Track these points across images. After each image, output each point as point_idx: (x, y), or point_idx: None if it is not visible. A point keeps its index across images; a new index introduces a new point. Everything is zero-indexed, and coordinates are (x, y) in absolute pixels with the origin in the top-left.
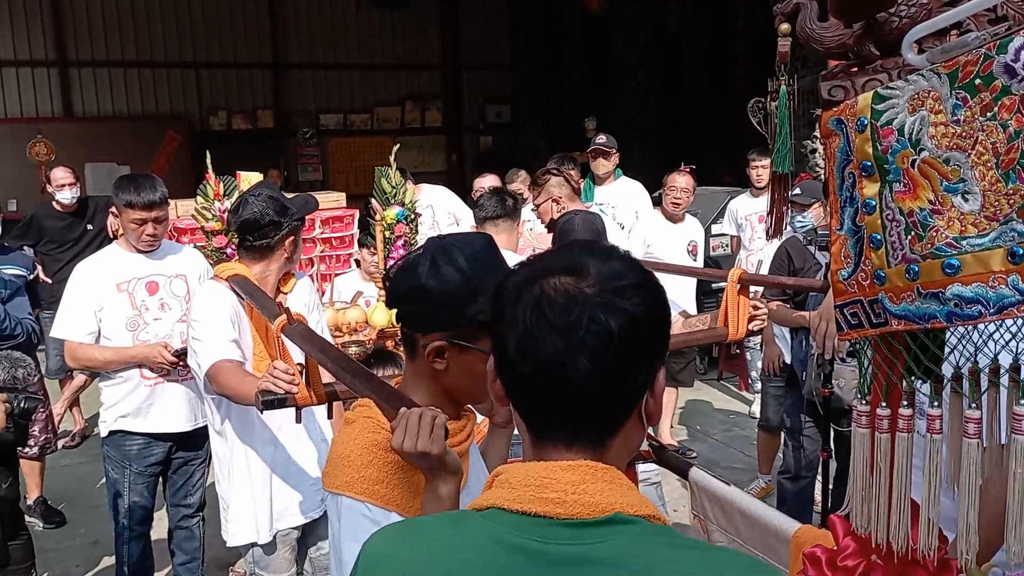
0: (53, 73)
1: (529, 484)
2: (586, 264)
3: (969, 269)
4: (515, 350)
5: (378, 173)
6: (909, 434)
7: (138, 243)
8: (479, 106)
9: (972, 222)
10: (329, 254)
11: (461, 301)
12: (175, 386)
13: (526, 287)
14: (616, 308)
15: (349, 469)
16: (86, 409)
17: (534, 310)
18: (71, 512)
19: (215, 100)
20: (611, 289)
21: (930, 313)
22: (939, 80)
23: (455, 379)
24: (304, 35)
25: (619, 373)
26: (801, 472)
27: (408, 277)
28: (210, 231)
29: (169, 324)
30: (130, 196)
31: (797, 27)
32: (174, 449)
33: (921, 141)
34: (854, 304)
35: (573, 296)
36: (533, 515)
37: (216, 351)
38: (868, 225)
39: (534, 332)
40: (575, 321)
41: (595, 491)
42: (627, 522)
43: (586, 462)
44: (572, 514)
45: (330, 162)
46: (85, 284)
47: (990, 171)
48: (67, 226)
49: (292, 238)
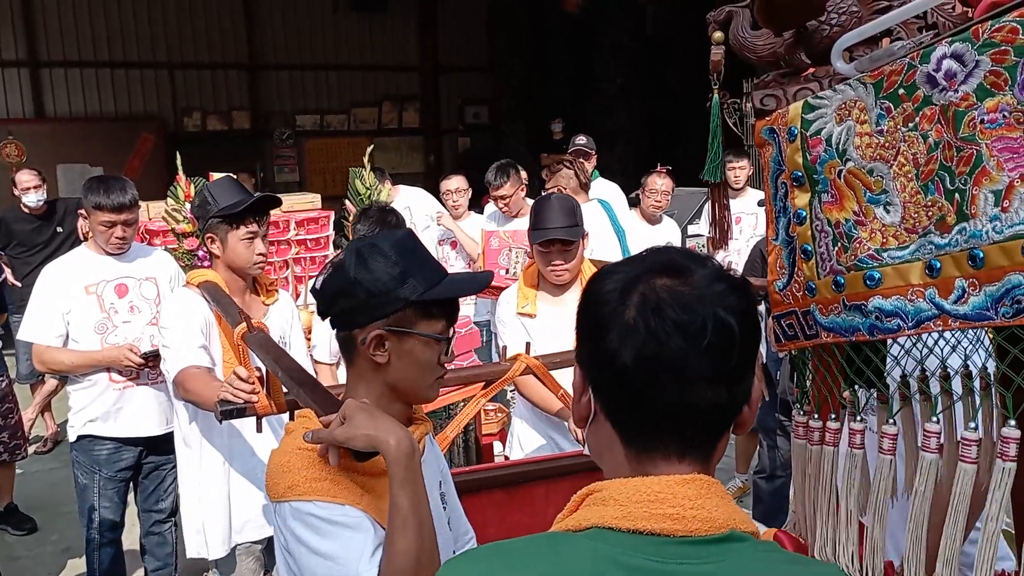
0: (24, 74)
1: (640, 500)
2: (686, 265)
3: (889, 282)
4: (633, 356)
5: (352, 174)
6: (835, 448)
7: (107, 245)
8: (457, 107)
9: (893, 234)
10: (304, 256)
11: (392, 286)
12: (145, 390)
13: (631, 291)
14: (733, 308)
15: (290, 474)
16: (58, 414)
17: (656, 313)
18: (43, 518)
19: (190, 101)
20: (722, 289)
21: (854, 326)
22: (865, 90)
23: (399, 370)
24: (280, 36)
25: (735, 376)
26: (776, 471)
27: (336, 277)
28: (181, 233)
29: (139, 327)
30: (99, 198)
31: (730, 35)
32: (144, 454)
33: (847, 151)
34: (789, 315)
35: (691, 297)
36: (647, 533)
37: (184, 358)
38: (799, 236)
39: (657, 334)
40: (701, 322)
41: (712, 506)
42: (741, 539)
43: (701, 476)
44: (690, 531)
45: (307, 163)
46: (53, 287)
47: (911, 182)
48: (36, 229)
49: (211, 237)
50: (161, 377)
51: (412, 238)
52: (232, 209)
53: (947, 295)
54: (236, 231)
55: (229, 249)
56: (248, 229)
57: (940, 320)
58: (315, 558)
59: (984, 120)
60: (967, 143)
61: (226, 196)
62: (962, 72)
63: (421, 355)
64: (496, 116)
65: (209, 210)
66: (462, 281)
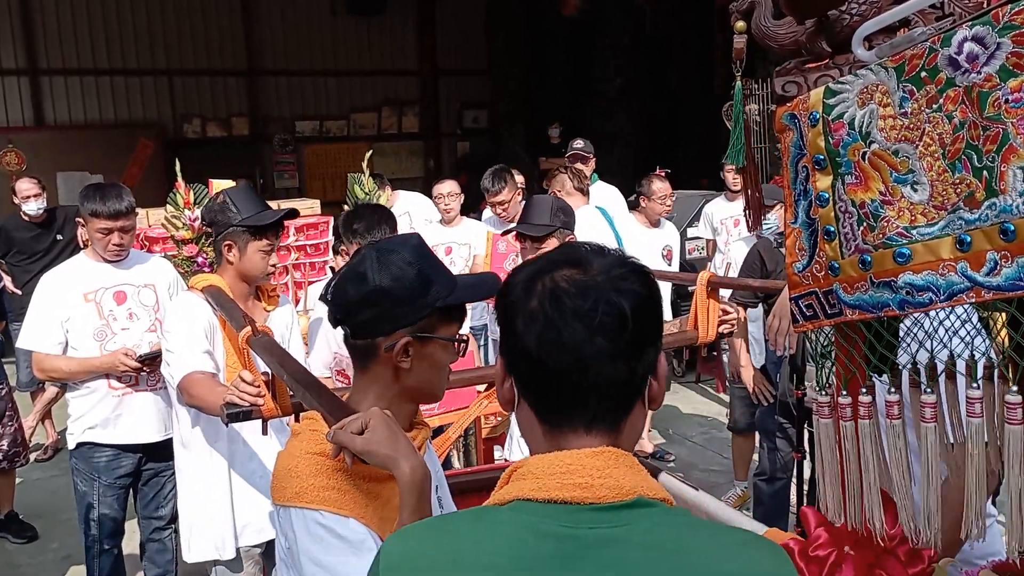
0: (24, 82)
1: (554, 473)
2: (587, 257)
3: (920, 258)
4: (536, 342)
5: (351, 180)
6: (870, 420)
7: (104, 252)
8: (456, 111)
9: (921, 211)
10: (304, 261)
11: (418, 293)
12: (144, 396)
13: (535, 282)
14: (625, 291)
15: (297, 480)
16: (58, 422)
17: (552, 301)
18: (43, 526)
19: (189, 107)
20: (616, 276)
21: (883, 302)
22: (887, 74)
23: (419, 375)
24: (279, 42)
25: (632, 353)
26: (777, 474)
27: (356, 284)
28: (180, 240)
29: (137, 334)
30: (95, 205)
31: (752, 24)
32: (144, 460)
33: (871, 134)
34: (809, 296)
35: (586, 284)
36: (560, 502)
37: (188, 363)
38: (822, 218)
39: (555, 321)
40: (592, 306)
41: (619, 475)
42: (649, 505)
43: (609, 448)
44: (599, 498)
45: (306, 169)
46: (51, 294)
47: (937, 161)
48: (35, 237)
49: (229, 244)
50: (160, 383)
51: (424, 243)
52: (259, 220)
53: (979, 268)
54: (258, 242)
55: (246, 258)
56: (269, 241)
57: (973, 292)
58: (318, 570)
59: (1008, 100)
60: (993, 122)
61: (248, 205)
62: (984, 54)
63: (440, 358)
64: (495, 120)
65: (232, 217)
66: (475, 284)
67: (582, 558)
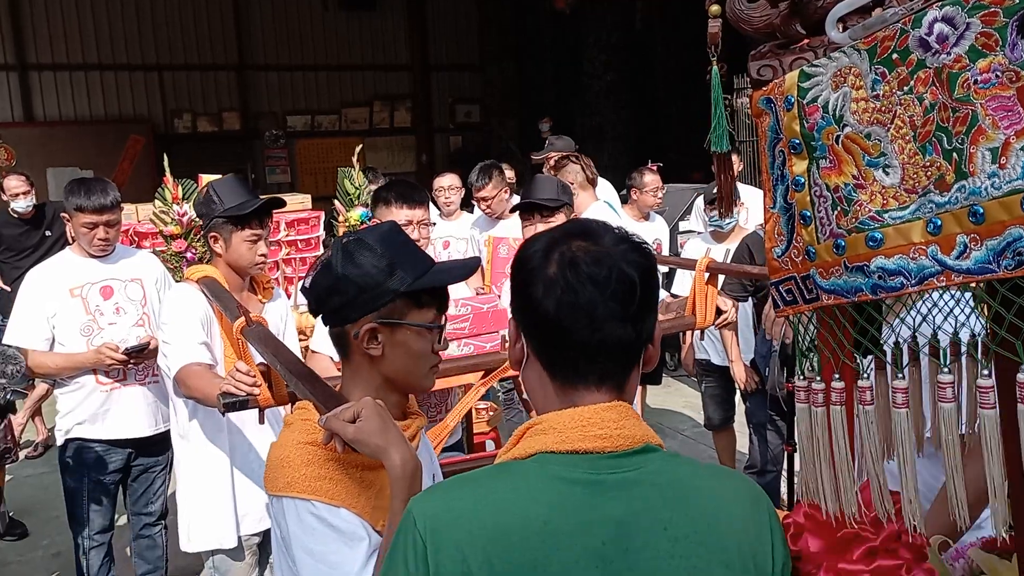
0: (12, 77)
1: (575, 426)
2: (597, 230)
3: (891, 241)
4: (555, 304)
5: (341, 174)
6: (842, 407)
7: (89, 247)
8: (448, 106)
9: (893, 195)
10: (295, 256)
11: (381, 279)
12: (132, 390)
13: (552, 251)
14: (633, 262)
15: (289, 470)
16: (48, 418)
17: (571, 267)
18: (33, 523)
19: (179, 103)
20: (624, 249)
21: (857, 286)
22: (859, 56)
23: (394, 362)
24: (270, 36)
25: (638, 317)
26: (767, 467)
27: (324, 275)
28: (169, 235)
29: (124, 329)
30: (79, 200)
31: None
32: (134, 456)
33: (844, 117)
34: (788, 281)
35: (600, 254)
36: (583, 452)
37: (185, 354)
38: (798, 202)
39: (573, 285)
40: (607, 274)
41: (631, 426)
42: (654, 450)
43: (620, 403)
44: (616, 447)
45: (298, 164)
46: (37, 290)
47: (908, 144)
48: (24, 233)
49: (215, 236)
50: (149, 378)
51: (397, 230)
52: (238, 211)
53: (949, 251)
54: (240, 232)
55: (232, 249)
56: (252, 231)
57: (943, 276)
58: (309, 559)
59: (977, 80)
60: (962, 103)
61: (232, 196)
62: (953, 35)
63: (414, 345)
64: (487, 115)
65: (214, 209)
66: (450, 268)
67: (608, 499)
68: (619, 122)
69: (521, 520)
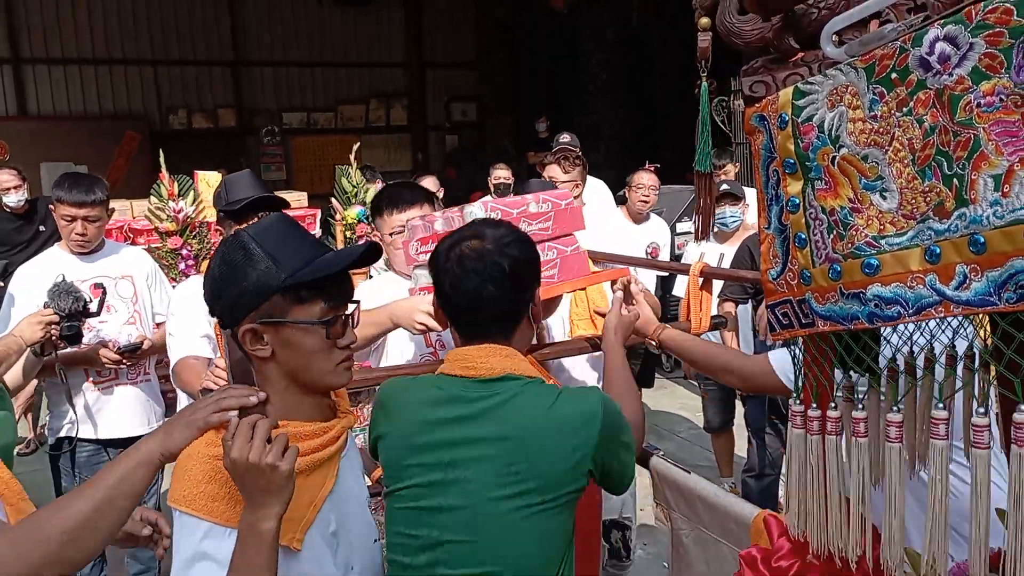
0: (6, 71)
1: (457, 360)
2: (484, 231)
3: (888, 269)
4: (450, 288)
5: (338, 172)
6: (838, 436)
7: (68, 241)
8: (444, 104)
9: (890, 220)
10: None
11: (254, 277)
12: (125, 389)
13: (451, 250)
14: (505, 255)
15: (189, 483)
16: (41, 416)
17: (458, 263)
18: None
19: (174, 98)
20: (501, 244)
21: (852, 314)
22: (856, 75)
23: (288, 361)
24: (265, 32)
25: (511, 294)
26: (765, 470)
27: (207, 281)
28: (164, 232)
29: (116, 326)
30: (61, 192)
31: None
32: None
33: (840, 138)
34: (784, 304)
35: (480, 251)
36: (459, 376)
37: (184, 347)
38: (793, 224)
39: (460, 276)
40: (482, 266)
41: (495, 361)
42: (515, 379)
43: (490, 344)
44: (480, 374)
45: (293, 161)
46: (27, 287)
47: (907, 168)
48: (17, 228)
49: (218, 230)
50: (141, 377)
51: (281, 222)
52: (234, 206)
53: (948, 281)
54: (237, 227)
55: None
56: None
57: (942, 306)
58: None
59: (980, 104)
60: (964, 127)
61: (236, 191)
62: (956, 55)
63: (303, 343)
64: (483, 113)
65: (219, 203)
66: (329, 258)
67: (468, 406)
68: (616, 120)
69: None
